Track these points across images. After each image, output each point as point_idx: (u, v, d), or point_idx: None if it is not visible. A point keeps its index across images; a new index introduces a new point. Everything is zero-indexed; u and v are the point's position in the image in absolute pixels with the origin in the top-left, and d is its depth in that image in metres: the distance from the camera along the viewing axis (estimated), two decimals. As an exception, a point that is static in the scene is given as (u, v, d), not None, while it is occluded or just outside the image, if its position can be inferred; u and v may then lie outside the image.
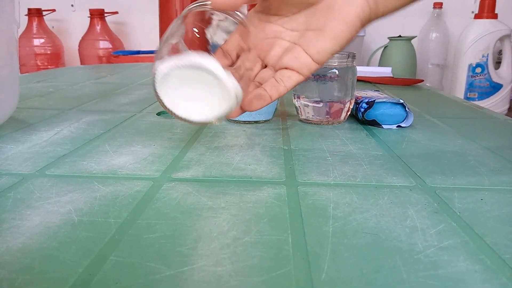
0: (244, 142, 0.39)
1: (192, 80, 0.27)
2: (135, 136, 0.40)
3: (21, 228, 0.21)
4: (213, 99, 0.27)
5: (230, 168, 0.31)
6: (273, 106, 0.47)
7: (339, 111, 0.46)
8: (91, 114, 0.49)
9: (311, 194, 0.26)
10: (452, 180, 0.30)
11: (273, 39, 0.32)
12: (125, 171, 0.30)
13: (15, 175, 0.29)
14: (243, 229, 0.22)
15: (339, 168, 0.31)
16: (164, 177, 0.29)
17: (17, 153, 0.34)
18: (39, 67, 1.56)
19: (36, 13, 1.55)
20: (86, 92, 0.65)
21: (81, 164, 0.32)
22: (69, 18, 1.72)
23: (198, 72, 0.26)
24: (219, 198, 0.26)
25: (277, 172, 0.31)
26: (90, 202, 0.25)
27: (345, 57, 0.45)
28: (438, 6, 1.54)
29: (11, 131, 0.41)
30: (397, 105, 0.45)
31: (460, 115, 0.53)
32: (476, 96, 1.35)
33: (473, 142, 0.40)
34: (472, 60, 1.33)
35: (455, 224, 0.23)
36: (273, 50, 0.32)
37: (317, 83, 0.45)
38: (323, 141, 0.39)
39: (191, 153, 0.35)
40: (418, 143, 0.39)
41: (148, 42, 1.71)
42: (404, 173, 0.31)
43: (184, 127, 0.44)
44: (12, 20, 0.43)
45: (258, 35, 0.32)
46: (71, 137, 0.39)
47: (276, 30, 0.32)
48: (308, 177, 0.30)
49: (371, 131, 0.43)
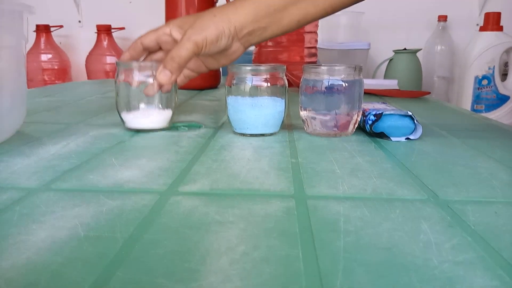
0: (251, 155, 0.38)
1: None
2: (141, 150, 0.40)
3: (27, 243, 0.21)
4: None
5: (237, 181, 0.31)
6: (280, 119, 0.47)
7: (347, 123, 0.46)
8: (98, 128, 0.49)
9: (321, 207, 0.26)
10: (464, 193, 0.29)
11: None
12: (132, 185, 0.30)
13: (21, 189, 0.29)
14: (252, 244, 0.21)
15: (348, 181, 0.31)
16: (171, 191, 0.29)
17: (23, 167, 0.34)
18: (46, 82, 1.58)
19: (44, 29, 1.58)
20: (93, 107, 0.65)
21: (87, 178, 0.31)
22: (77, 34, 1.75)
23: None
24: (227, 212, 0.25)
25: (285, 185, 0.30)
26: (97, 216, 0.24)
27: (352, 69, 0.45)
28: (443, 19, 1.54)
29: (18, 145, 0.41)
30: (405, 117, 0.44)
31: (468, 127, 0.52)
32: (483, 108, 1.34)
33: (484, 155, 0.39)
34: (478, 72, 1.33)
35: (470, 238, 0.22)
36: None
37: (324, 96, 0.45)
38: (331, 153, 0.39)
39: (197, 166, 0.35)
40: (428, 155, 0.38)
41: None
42: (415, 186, 0.30)
43: (191, 141, 0.44)
44: (21, 36, 0.44)
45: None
46: (78, 151, 0.39)
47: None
48: (317, 190, 0.29)
49: (379, 144, 0.43)
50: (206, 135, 0.46)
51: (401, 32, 1.67)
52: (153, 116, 0.47)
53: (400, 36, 1.67)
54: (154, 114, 0.47)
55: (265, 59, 0.96)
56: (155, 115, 0.47)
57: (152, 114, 0.47)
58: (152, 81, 0.46)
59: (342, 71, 0.45)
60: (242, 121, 0.46)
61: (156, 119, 0.47)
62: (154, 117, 0.47)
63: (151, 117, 0.47)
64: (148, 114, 0.47)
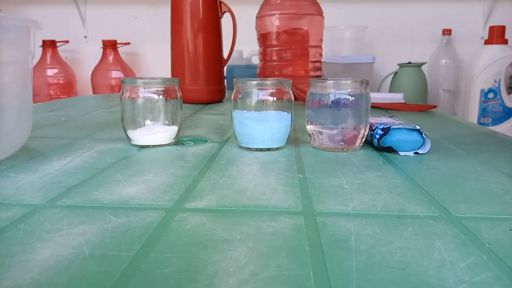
0: (258, 170, 0.38)
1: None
2: (147, 165, 0.40)
3: (31, 262, 0.21)
4: None
5: (244, 197, 0.30)
6: (286, 133, 0.47)
7: (354, 137, 0.45)
8: (103, 143, 0.49)
9: (331, 224, 0.25)
10: (477, 209, 0.28)
11: None
12: (137, 201, 0.29)
13: (26, 206, 0.28)
14: (261, 263, 0.21)
15: (357, 197, 0.30)
16: (177, 207, 0.28)
17: (28, 183, 0.33)
18: (51, 96, 1.59)
19: (50, 44, 1.60)
20: (98, 121, 0.65)
21: (92, 194, 0.31)
22: (82, 49, 1.77)
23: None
24: (235, 229, 0.25)
25: (293, 201, 0.30)
26: (102, 234, 0.24)
27: (359, 83, 0.45)
28: (447, 32, 1.55)
29: (23, 160, 0.41)
30: (413, 132, 0.44)
31: (476, 141, 0.52)
32: (489, 121, 1.33)
33: (494, 169, 0.38)
34: (484, 85, 1.32)
35: (485, 256, 0.22)
36: None
37: (331, 110, 0.45)
38: (338, 168, 0.38)
39: (204, 182, 0.34)
40: (437, 170, 0.38)
41: (159, 71, 1.74)
42: (426, 202, 0.29)
43: (196, 155, 0.43)
44: (28, 51, 0.44)
45: None
46: (83, 166, 0.39)
47: None
48: (326, 206, 0.28)
49: (388, 158, 0.42)
50: (212, 150, 0.46)
51: (405, 45, 1.68)
52: (159, 132, 0.47)
53: (404, 50, 1.67)
54: (160, 131, 0.47)
55: (270, 73, 0.96)
56: (161, 132, 0.47)
57: (158, 130, 0.47)
58: (157, 97, 0.46)
59: (349, 85, 0.45)
60: (248, 135, 0.46)
61: (162, 135, 0.47)
62: (160, 133, 0.47)
63: (157, 134, 0.47)
64: (154, 131, 0.47)
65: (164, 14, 1.70)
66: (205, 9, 0.83)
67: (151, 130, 0.47)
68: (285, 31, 0.93)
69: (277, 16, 0.91)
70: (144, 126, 0.47)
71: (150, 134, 0.47)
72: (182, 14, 0.84)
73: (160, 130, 0.47)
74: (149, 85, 0.47)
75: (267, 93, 0.45)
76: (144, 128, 0.47)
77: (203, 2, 0.83)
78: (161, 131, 0.47)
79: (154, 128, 0.47)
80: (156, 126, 0.47)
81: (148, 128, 0.47)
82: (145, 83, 0.47)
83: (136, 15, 1.73)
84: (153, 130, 0.47)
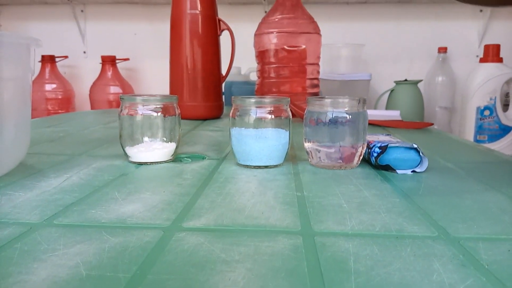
0: (256, 188, 0.38)
1: None
2: (144, 182, 0.40)
3: (28, 283, 0.20)
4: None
5: (242, 216, 0.30)
6: (284, 150, 0.47)
7: (351, 155, 0.45)
8: (101, 159, 0.49)
9: (329, 245, 0.25)
10: (475, 229, 0.28)
11: None
12: (135, 220, 0.29)
13: (23, 225, 0.28)
14: (260, 286, 0.20)
15: (356, 216, 0.30)
16: (175, 226, 0.28)
17: (25, 201, 0.33)
18: (49, 111, 1.59)
19: (49, 59, 1.61)
20: (96, 137, 0.65)
21: (90, 212, 0.31)
22: (81, 64, 1.78)
23: None
24: (233, 249, 0.24)
25: (291, 220, 0.29)
26: (99, 254, 0.24)
27: (356, 102, 0.45)
28: (443, 50, 1.57)
29: (20, 177, 0.40)
30: (411, 150, 0.44)
31: (473, 159, 0.52)
32: (486, 138, 1.34)
33: (492, 189, 0.38)
34: (480, 103, 1.34)
35: (485, 278, 0.22)
36: None
37: (328, 128, 0.45)
38: (336, 186, 0.38)
39: (202, 200, 0.34)
40: (435, 189, 0.38)
41: (157, 87, 1.75)
42: (425, 222, 0.29)
43: (194, 173, 0.43)
44: (27, 68, 0.44)
45: None
46: (80, 183, 0.39)
47: None
48: (324, 226, 0.28)
49: (386, 177, 0.42)
50: (209, 167, 0.46)
51: (401, 63, 1.70)
52: (157, 149, 0.47)
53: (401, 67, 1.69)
54: (158, 148, 0.47)
55: (267, 90, 0.97)
56: (159, 149, 0.47)
57: (156, 147, 0.47)
58: (156, 114, 0.46)
59: (346, 103, 0.45)
60: (246, 153, 0.46)
61: (160, 152, 0.47)
62: (158, 150, 0.47)
63: (155, 150, 0.47)
64: (152, 148, 0.47)
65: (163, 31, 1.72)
66: (204, 26, 0.85)
67: (149, 147, 0.47)
68: (283, 48, 0.94)
69: (275, 34, 0.92)
70: (142, 143, 0.47)
71: (148, 151, 0.47)
72: (182, 31, 0.84)
73: (158, 147, 0.47)
74: (148, 102, 0.47)
75: (265, 111, 0.45)
76: (142, 145, 0.47)
77: (202, 20, 0.84)
78: (159, 148, 0.47)
79: (152, 145, 0.47)
80: (154, 143, 0.47)
81: (146, 145, 0.47)
82: (144, 100, 0.47)
83: (135, 31, 1.75)
84: (151, 147, 0.47)
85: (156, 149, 0.47)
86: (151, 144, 0.47)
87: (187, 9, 0.84)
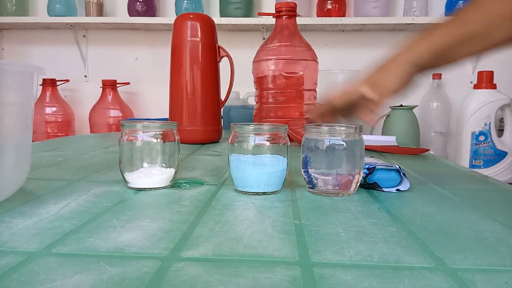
0: (254, 216, 0.38)
1: None
2: (143, 209, 0.40)
3: (24, 316, 0.20)
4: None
5: (241, 245, 0.30)
6: (282, 177, 0.47)
7: (349, 182, 0.46)
8: (99, 185, 0.49)
9: (328, 276, 0.25)
10: (472, 260, 0.29)
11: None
12: (133, 249, 0.29)
13: (21, 253, 0.28)
14: (258, 318, 0.20)
15: (354, 246, 0.30)
16: (173, 256, 0.28)
17: (24, 228, 0.33)
18: (49, 134, 1.60)
19: (50, 83, 1.62)
20: (95, 162, 0.65)
21: (88, 241, 0.31)
22: (82, 88, 1.80)
23: None
24: (231, 281, 0.25)
25: (289, 250, 0.30)
26: (97, 285, 0.24)
27: (353, 129, 0.46)
28: (437, 77, 1.59)
29: (19, 203, 0.40)
30: (392, 171, 0.48)
31: (469, 186, 0.52)
32: (481, 163, 1.35)
33: (488, 217, 0.39)
34: (475, 128, 1.35)
35: (482, 311, 0.22)
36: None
37: (326, 155, 0.46)
38: (334, 214, 0.38)
39: (200, 228, 0.34)
40: (432, 217, 0.38)
41: (156, 110, 1.76)
42: (422, 252, 0.30)
43: (193, 199, 0.43)
44: (30, 95, 0.45)
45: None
46: (79, 210, 0.39)
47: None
48: (322, 256, 0.28)
49: (383, 204, 0.42)
50: (208, 193, 0.46)
51: (397, 88, 1.72)
52: (156, 175, 0.47)
53: (396, 92, 1.71)
54: (157, 174, 0.48)
55: (265, 115, 0.98)
56: (158, 175, 0.48)
57: (155, 173, 0.47)
58: (156, 141, 0.47)
59: (343, 131, 0.46)
60: (244, 179, 0.46)
61: (159, 178, 0.48)
62: (157, 176, 0.47)
63: (154, 176, 0.47)
64: (151, 173, 0.47)
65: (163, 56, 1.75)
66: (204, 53, 0.86)
67: (148, 172, 0.47)
68: (281, 75, 0.96)
69: (273, 61, 0.94)
70: (141, 168, 0.47)
71: (147, 177, 0.47)
72: (182, 58, 0.86)
73: (157, 173, 0.48)
74: (148, 129, 0.47)
75: (263, 138, 0.46)
76: (141, 170, 0.47)
77: (202, 47, 0.86)
78: (158, 174, 0.48)
79: (151, 171, 0.48)
80: (153, 168, 0.48)
81: (145, 171, 0.47)
82: (144, 127, 0.48)
83: (136, 56, 1.78)
84: (150, 172, 0.47)
85: (155, 175, 0.47)
86: (150, 169, 0.48)
87: (188, 37, 0.85)
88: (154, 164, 0.48)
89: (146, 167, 0.48)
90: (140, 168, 0.47)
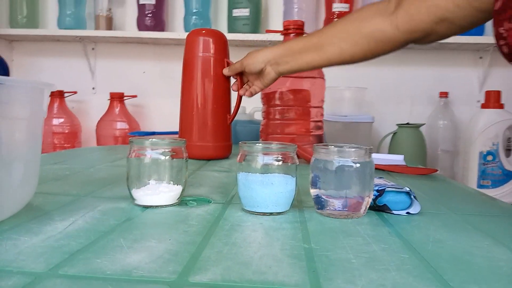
0: (262, 238, 0.37)
1: None
2: (150, 228, 0.39)
3: None
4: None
5: (250, 270, 0.30)
6: (291, 197, 0.47)
7: (358, 205, 0.45)
8: (106, 201, 0.49)
9: (340, 307, 0.25)
10: (488, 291, 0.28)
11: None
12: (140, 272, 0.29)
13: (28, 274, 0.28)
14: None
15: (365, 274, 0.30)
16: (181, 281, 0.28)
17: (30, 247, 0.33)
18: (55, 145, 1.60)
19: (58, 94, 1.64)
20: (102, 176, 0.65)
21: (95, 262, 0.30)
22: (90, 100, 1.81)
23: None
24: (241, 309, 0.24)
25: (300, 277, 0.29)
26: (105, 311, 0.23)
27: (363, 151, 0.45)
28: (444, 95, 1.59)
29: (26, 220, 0.40)
30: (402, 193, 0.47)
31: (479, 210, 0.52)
32: (489, 184, 1.34)
33: (501, 244, 0.38)
34: (483, 148, 1.34)
35: None
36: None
37: (335, 177, 0.45)
38: (344, 238, 0.38)
39: (208, 250, 0.34)
40: (444, 243, 0.37)
41: (163, 123, 1.77)
42: (435, 282, 0.29)
43: (200, 218, 0.43)
44: (40, 110, 0.45)
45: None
46: (86, 228, 0.38)
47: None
48: (334, 285, 0.28)
49: (393, 228, 0.42)
50: (215, 212, 0.46)
51: (404, 106, 1.72)
52: (163, 193, 0.47)
53: (403, 110, 1.72)
54: (164, 191, 0.47)
55: (272, 131, 0.98)
56: (165, 192, 0.47)
57: (162, 190, 0.47)
58: (164, 158, 0.47)
59: (353, 153, 0.45)
60: (252, 198, 0.46)
61: (166, 196, 0.47)
62: (164, 194, 0.47)
63: (161, 194, 0.47)
64: (158, 190, 0.47)
65: (170, 70, 1.76)
66: (216, 69, 0.86)
67: (155, 189, 0.47)
68: (288, 91, 0.96)
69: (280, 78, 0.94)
70: (149, 185, 0.47)
71: (154, 194, 0.47)
72: (194, 73, 0.86)
73: (164, 190, 0.47)
74: (157, 146, 0.47)
75: (272, 158, 0.46)
76: (148, 187, 0.47)
77: (214, 62, 0.86)
78: (165, 191, 0.47)
79: (158, 188, 0.47)
80: (160, 185, 0.48)
81: (153, 188, 0.47)
82: (152, 143, 0.47)
83: (144, 69, 1.79)
84: (157, 189, 0.47)
85: (162, 192, 0.47)
86: (157, 186, 0.47)
87: (200, 52, 0.86)
88: (161, 181, 0.48)
89: (153, 184, 0.47)
90: (148, 184, 0.47)
